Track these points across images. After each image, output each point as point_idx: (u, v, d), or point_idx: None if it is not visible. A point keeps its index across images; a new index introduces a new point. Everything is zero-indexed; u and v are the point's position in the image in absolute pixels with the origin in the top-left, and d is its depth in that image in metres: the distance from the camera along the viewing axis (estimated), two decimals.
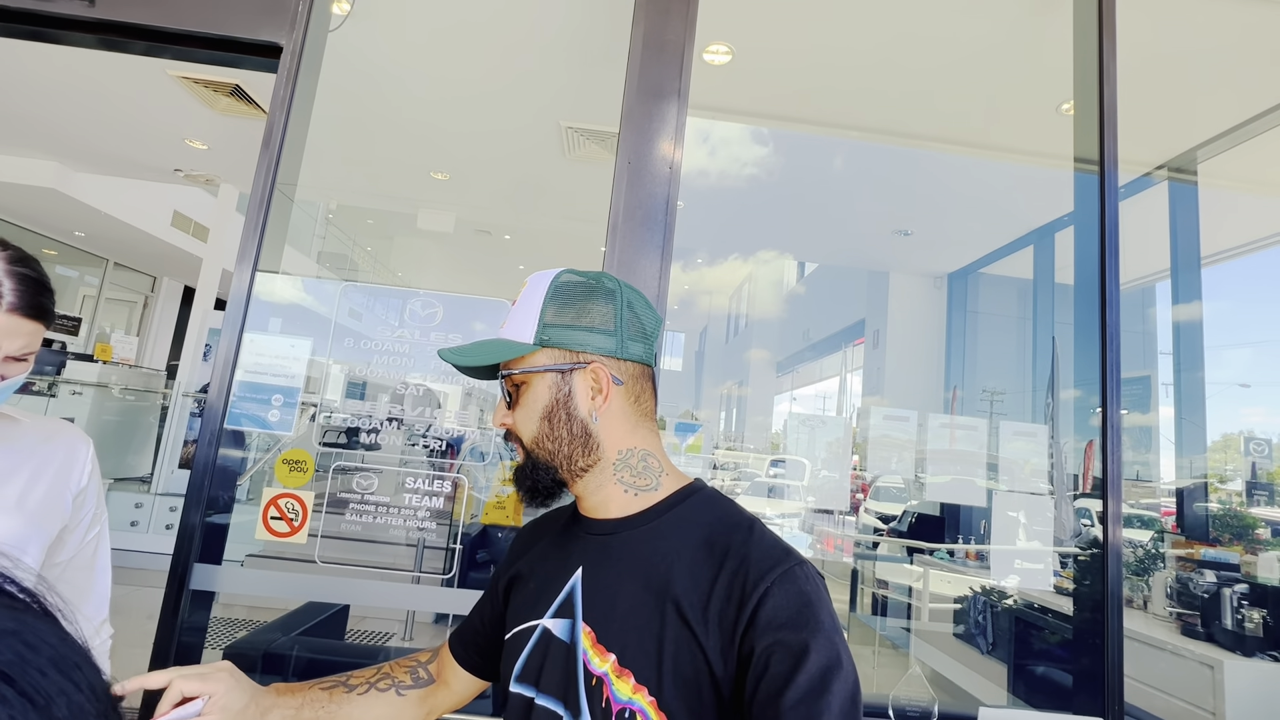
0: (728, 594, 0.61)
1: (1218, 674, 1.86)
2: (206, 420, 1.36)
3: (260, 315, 1.57)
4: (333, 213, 6.07)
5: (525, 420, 0.71)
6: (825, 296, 7.37)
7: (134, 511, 4.41)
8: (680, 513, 0.69)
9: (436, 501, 1.66)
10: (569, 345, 0.69)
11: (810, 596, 0.60)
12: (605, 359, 0.70)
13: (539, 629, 0.69)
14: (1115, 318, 1.56)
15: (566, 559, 0.72)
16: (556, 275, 0.72)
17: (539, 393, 0.70)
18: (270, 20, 1.53)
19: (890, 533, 4.34)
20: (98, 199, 4.95)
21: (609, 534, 0.70)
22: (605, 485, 0.71)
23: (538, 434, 0.70)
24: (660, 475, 0.72)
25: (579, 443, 0.70)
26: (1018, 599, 2.51)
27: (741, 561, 0.62)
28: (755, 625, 0.58)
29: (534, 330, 0.69)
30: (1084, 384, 1.63)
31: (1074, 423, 2.09)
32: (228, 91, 3.06)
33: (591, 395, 0.69)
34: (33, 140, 4.16)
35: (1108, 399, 1.53)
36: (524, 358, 0.70)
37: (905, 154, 3.17)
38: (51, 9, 1.55)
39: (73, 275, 7.31)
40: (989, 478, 1.60)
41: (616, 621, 0.65)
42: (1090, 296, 1.61)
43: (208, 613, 1.43)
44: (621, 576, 0.67)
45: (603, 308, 0.70)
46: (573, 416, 0.69)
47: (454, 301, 1.75)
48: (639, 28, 1.58)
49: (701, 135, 3.65)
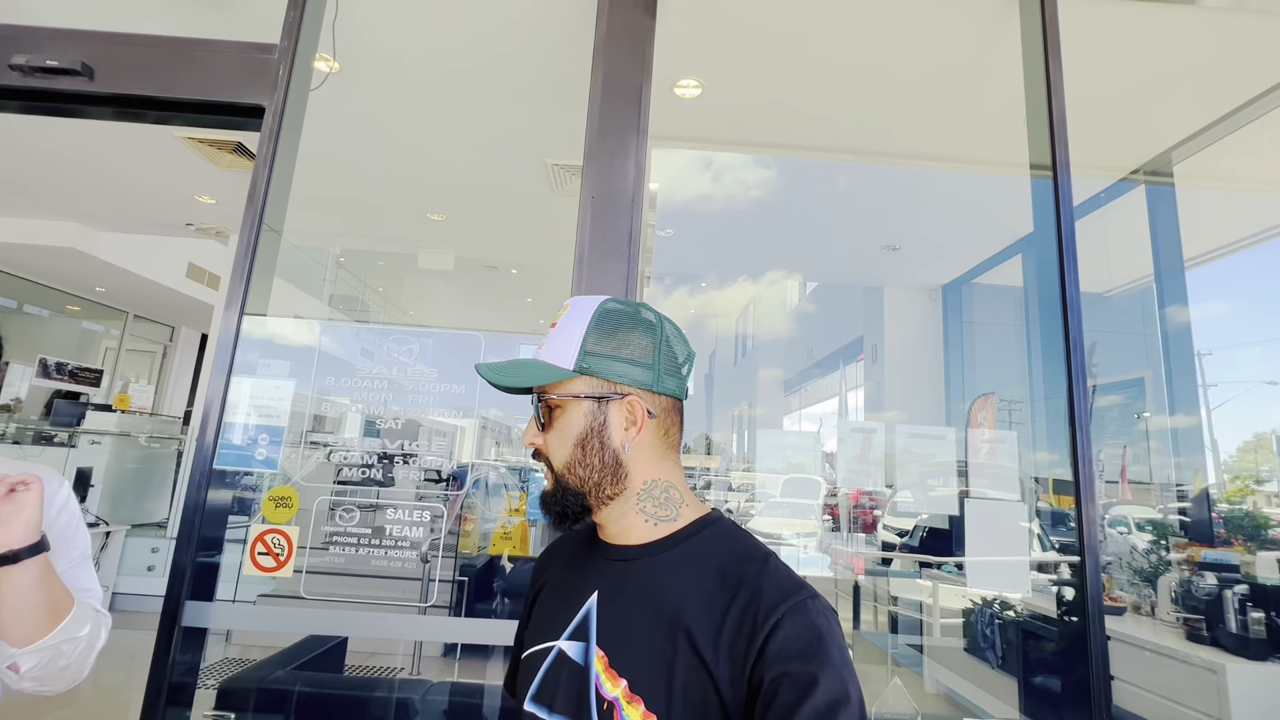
0: (739, 625, 0.61)
1: (1221, 679, 1.82)
2: (196, 461, 1.43)
3: (268, 357, 1.66)
4: (343, 257, 6.27)
5: (558, 444, 0.72)
6: (826, 314, 7.39)
7: (150, 556, 4.50)
8: (696, 543, 0.70)
9: (439, 534, 1.69)
10: (608, 375, 0.70)
11: (821, 630, 0.60)
12: (641, 392, 0.71)
13: (554, 650, 0.70)
14: (1078, 322, 1.58)
15: (584, 582, 0.74)
16: (601, 304, 0.73)
17: (574, 419, 0.71)
18: (253, 84, 1.64)
19: (902, 548, 4.28)
20: (117, 255, 5.16)
21: (626, 560, 0.72)
22: (628, 514, 0.72)
23: (570, 460, 0.71)
24: (680, 506, 0.73)
25: (609, 471, 0.71)
26: (1021, 610, 2.47)
27: (754, 594, 0.63)
28: (765, 656, 0.59)
29: (574, 357, 0.70)
30: (1040, 386, 1.64)
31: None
32: (231, 149, 3.22)
33: (625, 426, 0.71)
34: (56, 204, 4.39)
35: (1075, 403, 1.54)
36: (562, 383, 0.71)
37: (884, 171, 3.23)
38: (58, 86, 1.67)
39: (98, 330, 7.57)
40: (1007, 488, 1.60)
41: (629, 647, 0.65)
42: (1053, 302, 1.64)
43: (201, 649, 1.47)
44: (636, 603, 0.68)
45: (642, 340, 0.72)
46: (605, 446, 0.71)
47: (449, 337, 1.82)
48: (599, 71, 1.67)
49: (704, 163, 3.75)
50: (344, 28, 2.01)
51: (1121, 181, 2.82)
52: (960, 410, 4.16)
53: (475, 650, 3.36)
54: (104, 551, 4.51)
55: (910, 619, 3.47)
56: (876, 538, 4.60)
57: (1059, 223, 1.63)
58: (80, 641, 0.92)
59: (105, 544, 4.51)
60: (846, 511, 4.43)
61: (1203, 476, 2.64)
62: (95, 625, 0.94)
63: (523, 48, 2.25)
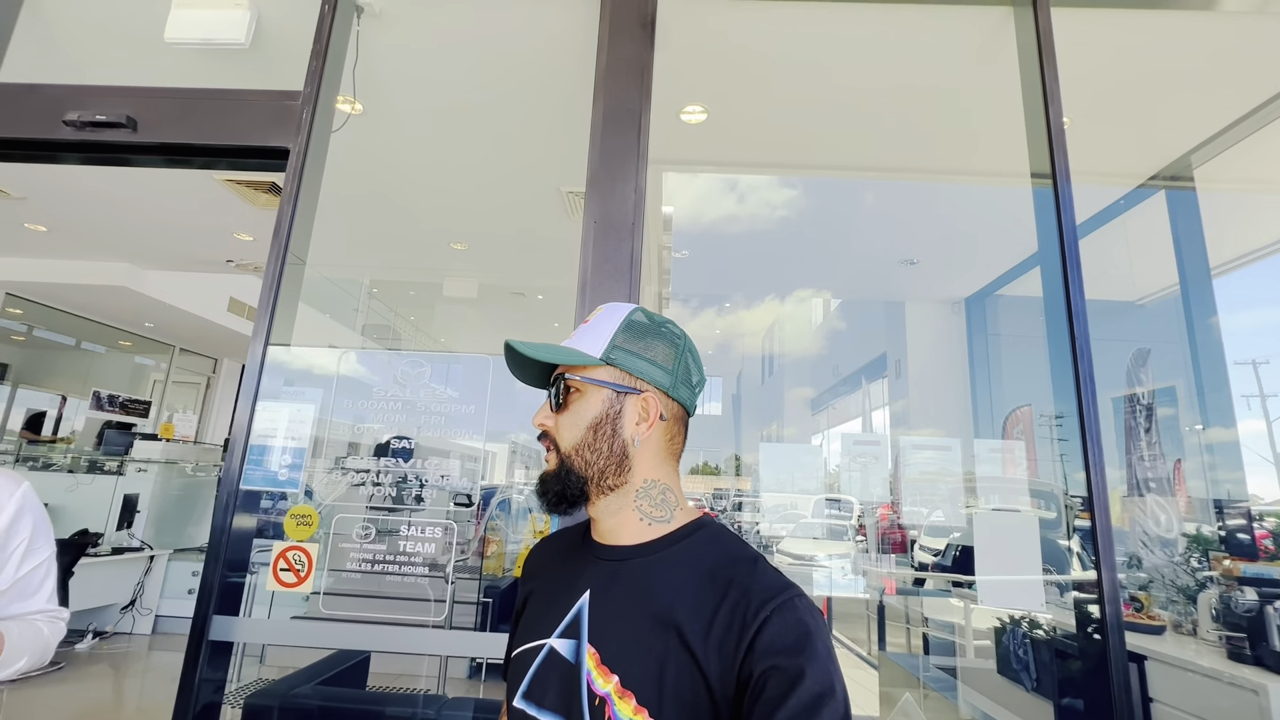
0: (729, 622, 0.63)
1: (1263, 699, 1.72)
2: (224, 482, 1.51)
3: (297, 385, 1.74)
4: (374, 289, 6.51)
5: (569, 425, 0.75)
6: (849, 331, 7.33)
7: (191, 580, 4.65)
8: (688, 545, 0.72)
9: (466, 556, 1.72)
10: (631, 370, 0.75)
11: (809, 626, 0.62)
12: (658, 392, 0.75)
13: (545, 648, 0.72)
14: (1084, 330, 1.57)
15: (575, 581, 0.75)
16: (633, 309, 0.78)
17: (591, 403, 0.75)
18: (279, 128, 1.76)
19: (934, 567, 4.17)
20: (163, 292, 5.46)
21: (619, 560, 0.74)
22: (624, 510, 0.75)
23: (579, 442, 0.74)
24: (675, 509, 0.76)
25: (615, 460, 0.74)
26: (1054, 629, 2.38)
27: (744, 593, 0.65)
28: (754, 651, 0.61)
29: (603, 348, 0.75)
30: (1068, 401, 1.62)
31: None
32: (265, 189, 3.41)
33: (637, 421, 0.74)
34: (107, 246, 4.68)
35: (1085, 414, 1.52)
36: (587, 368, 0.75)
37: (897, 186, 3.24)
38: (106, 138, 1.82)
39: (148, 363, 7.96)
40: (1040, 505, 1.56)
41: (621, 644, 0.67)
42: (1059, 310, 1.62)
43: (227, 663, 1.53)
44: (628, 602, 0.70)
45: (665, 348, 0.77)
46: (616, 434, 0.74)
47: (478, 362, 1.89)
48: (600, 100, 1.74)
49: (728, 185, 3.81)
50: (365, 72, 2.14)
51: (1140, 188, 2.78)
52: (989, 424, 4.06)
53: (500, 671, 3.38)
54: (148, 575, 4.68)
55: (942, 640, 3.37)
56: (909, 557, 4.49)
57: (1060, 230, 1.62)
58: (18, 670, 0.99)
59: (149, 568, 4.69)
60: (876, 532, 4.34)
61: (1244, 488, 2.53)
62: (37, 649, 1.02)
63: (534, 81, 2.35)
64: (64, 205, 3.90)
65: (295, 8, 2.03)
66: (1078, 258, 1.60)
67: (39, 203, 3.87)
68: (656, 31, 1.79)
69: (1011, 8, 1.92)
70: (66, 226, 4.27)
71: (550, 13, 2.05)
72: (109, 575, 4.42)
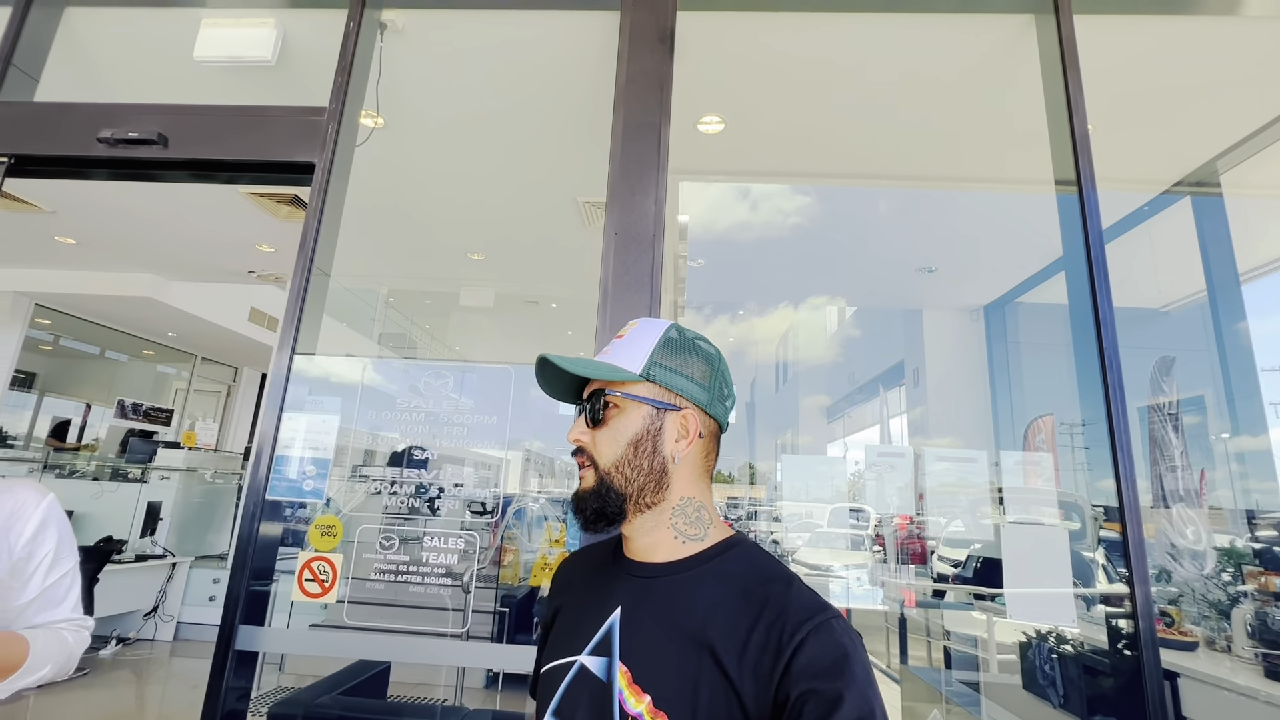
0: (764, 643, 0.62)
1: None
2: (250, 492, 1.53)
3: (319, 394, 1.77)
4: (391, 298, 6.59)
5: (609, 442, 0.74)
6: (867, 338, 7.28)
7: (212, 587, 4.70)
8: (721, 563, 0.72)
9: (483, 564, 1.73)
10: (670, 386, 0.74)
11: (846, 648, 0.61)
12: (696, 409, 0.75)
13: (576, 665, 0.71)
14: (1112, 338, 1.54)
15: (606, 598, 0.74)
16: (669, 326, 0.78)
17: (632, 420, 0.74)
18: (305, 143, 1.79)
19: (955, 579, 4.10)
20: (186, 303, 5.55)
21: (651, 577, 0.73)
22: (659, 528, 0.74)
23: (619, 459, 0.73)
24: (709, 527, 0.75)
25: (654, 478, 0.73)
26: (1082, 644, 2.33)
27: (779, 613, 0.64)
28: (790, 673, 0.60)
29: (642, 363, 0.74)
30: (1094, 409, 1.59)
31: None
32: (288, 201, 3.46)
33: (677, 438, 0.74)
34: (133, 258, 4.78)
35: (1114, 424, 1.49)
36: (625, 384, 0.74)
37: (914, 194, 3.22)
38: (138, 154, 1.86)
39: (170, 372, 8.10)
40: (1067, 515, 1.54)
41: (653, 663, 0.66)
42: (1086, 319, 1.60)
43: (253, 673, 1.54)
44: (660, 620, 0.69)
45: (702, 365, 0.76)
46: (657, 451, 0.73)
47: (492, 371, 1.90)
48: (619, 113, 1.75)
49: (741, 192, 3.82)
50: (386, 87, 2.18)
51: (1165, 194, 2.74)
52: (1010, 434, 4.01)
53: (517, 681, 3.38)
54: (170, 582, 4.74)
55: (965, 654, 3.31)
56: (929, 568, 4.42)
57: (1086, 237, 1.60)
58: (43, 679, 1.00)
59: (171, 575, 4.76)
60: (894, 541, 4.29)
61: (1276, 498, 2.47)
62: (61, 657, 1.04)
63: (551, 93, 2.37)
64: (93, 219, 3.99)
65: (320, 26, 2.07)
66: (1105, 267, 1.58)
67: (69, 216, 3.96)
68: (675, 44, 1.80)
69: (1033, 16, 1.91)
70: (95, 239, 4.37)
71: (568, 27, 2.07)
72: (133, 582, 4.49)
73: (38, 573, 1.06)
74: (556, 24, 2.08)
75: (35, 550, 1.06)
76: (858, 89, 2.26)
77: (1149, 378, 3.00)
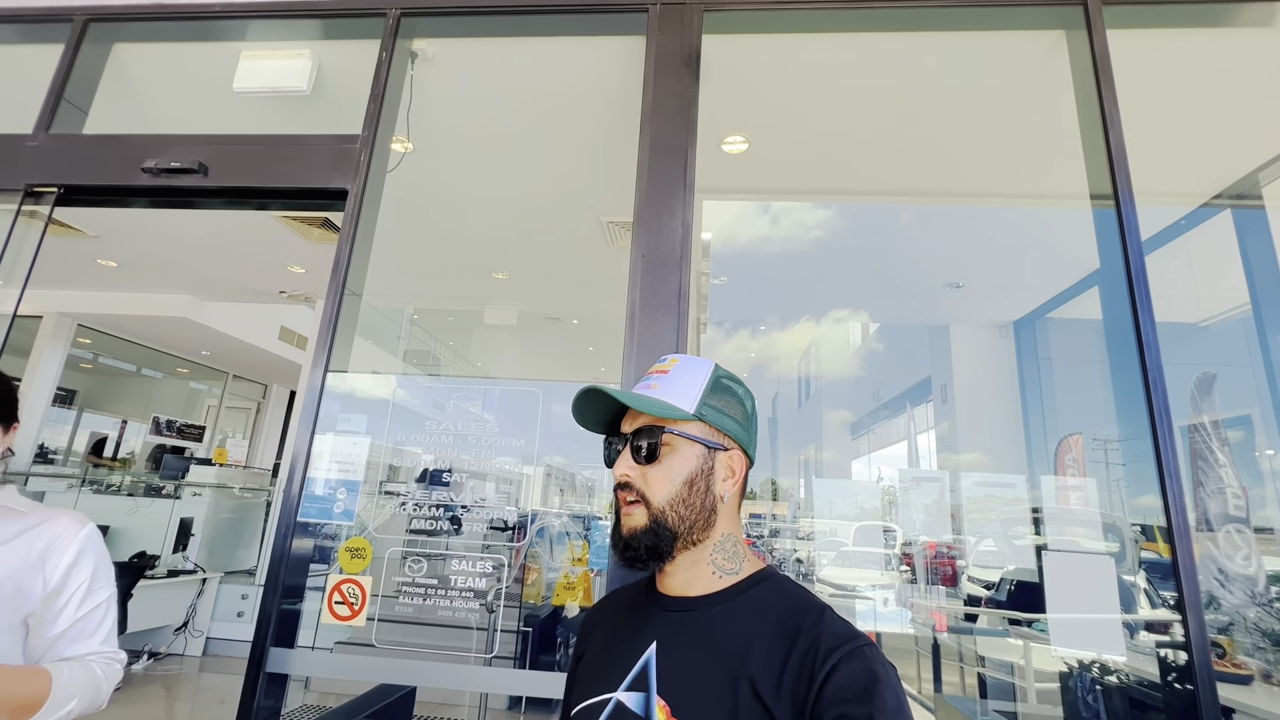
0: (799, 671, 0.63)
1: None
2: (283, 512, 1.54)
3: (348, 412, 1.79)
4: (416, 315, 6.70)
5: (662, 480, 0.74)
6: (889, 354, 7.18)
7: (240, 603, 4.76)
8: (754, 595, 0.72)
9: (504, 584, 1.73)
10: (720, 426, 0.76)
11: (878, 674, 0.61)
12: (738, 449, 0.77)
13: (612, 702, 0.70)
14: (1156, 357, 1.49)
15: (639, 633, 0.75)
16: (714, 365, 0.80)
17: (686, 459, 0.74)
18: (339, 170, 1.84)
19: (988, 602, 3.98)
20: (219, 322, 5.70)
21: (685, 610, 0.73)
22: (700, 564, 0.75)
23: (674, 498, 0.73)
24: (743, 560, 0.76)
25: (704, 516, 0.74)
26: (1128, 675, 2.24)
27: (813, 641, 0.65)
28: (823, 698, 0.60)
29: (695, 403, 0.75)
30: (1132, 425, 1.54)
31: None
32: (319, 224, 3.55)
33: (725, 478, 0.76)
34: (171, 280, 4.94)
35: (1160, 445, 1.44)
36: (679, 421, 0.75)
37: (941, 210, 3.19)
38: (179, 183, 1.93)
39: (202, 389, 8.30)
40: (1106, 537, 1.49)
41: (692, 696, 0.66)
42: (1125, 336, 1.55)
43: (283, 695, 1.55)
44: (697, 652, 0.69)
45: (740, 406, 0.79)
46: (709, 490, 0.74)
47: (514, 388, 1.91)
48: (646, 136, 1.77)
49: (761, 207, 3.82)
50: (417, 113, 2.23)
51: (1203, 207, 2.67)
52: (1043, 452, 3.90)
53: (540, 704, 3.35)
54: (200, 598, 4.82)
55: (1001, 682, 3.20)
56: (960, 590, 4.30)
57: (1125, 253, 1.56)
58: (70, 713, 0.98)
59: (201, 590, 4.83)
60: (923, 561, 4.18)
61: None
62: (89, 691, 1.01)
63: (577, 116, 2.41)
64: (133, 242, 4.14)
65: (353, 56, 2.13)
66: (1146, 283, 1.54)
67: (111, 240, 4.11)
68: (700, 67, 1.81)
69: (1063, 31, 1.88)
70: (134, 262, 4.52)
71: (594, 52, 2.11)
72: (164, 597, 4.56)
73: (70, 604, 1.05)
74: (583, 50, 2.11)
75: (69, 580, 1.05)
76: (883, 107, 2.25)
77: (1189, 395, 2.91)
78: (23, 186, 1.93)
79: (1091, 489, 2.80)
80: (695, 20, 1.84)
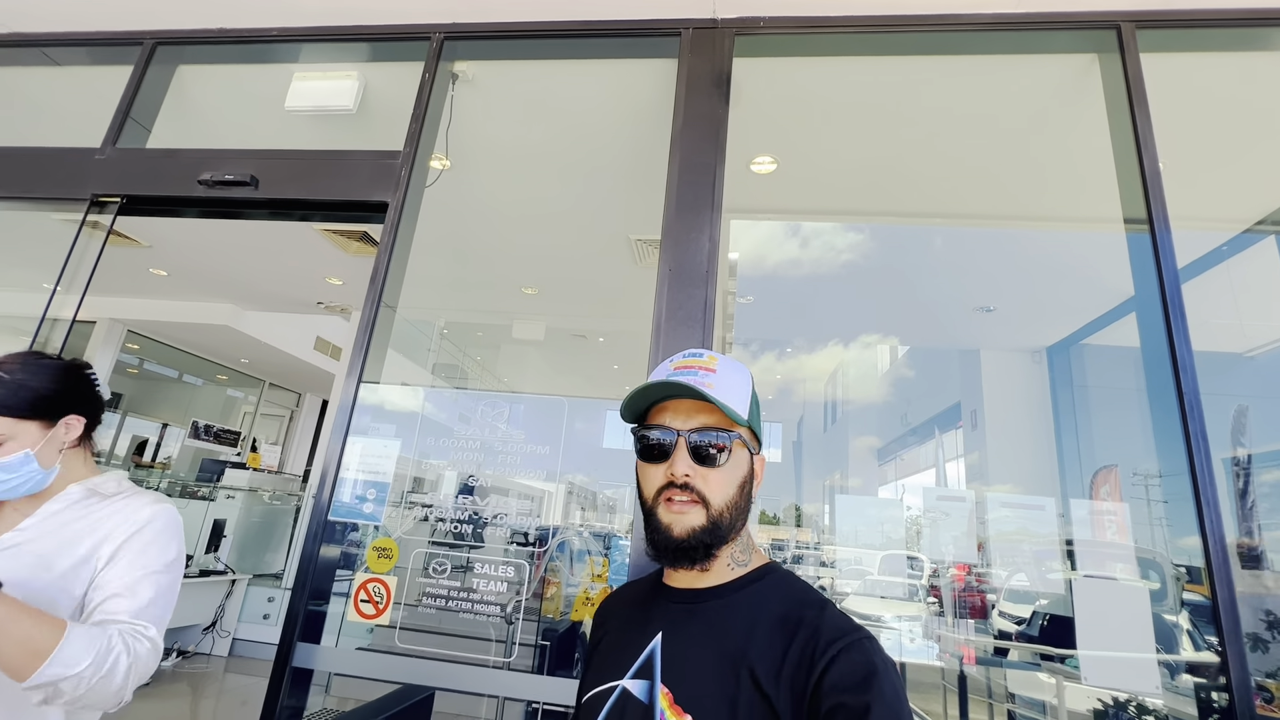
0: (799, 661, 0.65)
1: None
2: (314, 513, 1.59)
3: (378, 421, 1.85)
4: (445, 329, 6.84)
5: (724, 483, 0.74)
6: (919, 379, 7.06)
7: (267, 605, 4.85)
8: (758, 588, 0.75)
9: (523, 596, 1.75)
10: (758, 432, 0.81)
11: (876, 666, 0.63)
12: (759, 455, 0.82)
13: (618, 689, 0.73)
14: (1193, 385, 1.46)
15: (647, 624, 0.77)
16: (746, 369, 0.82)
17: (740, 462, 0.76)
18: (380, 185, 1.92)
19: (1019, 636, 3.84)
20: (259, 331, 5.91)
21: (691, 603, 0.76)
22: (721, 559, 0.76)
23: (731, 500, 0.75)
24: (752, 553, 0.79)
25: (743, 516, 0.76)
26: (1165, 716, 2.14)
27: (814, 633, 0.67)
28: (821, 687, 0.62)
29: (747, 407, 0.77)
30: (1173, 460, 1.50)
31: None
32: (358, 237, 3.68)
33: (758, 480, 0.80)
34: (216, 289, 5.14)
35: (1198, 473, 1.40)
36: (736, 425, 0.75)
37: (972, 233, 3.16)
38: (231, 195, 2.03)
39: (239, 396, 8.56)
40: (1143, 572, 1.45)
41: (694, 684, 0.68)
42: (1161, 365, 1.52)
43: (306, 691, 1.58)
44: (700, 642, 0.71)
45: (758, 412, 0.82)
46: (751, 493, 0.78)
47: (539, 402, 1.94)
48: (675, 155, 1.81)
49: (791, 229, 3.84)
50: (455, 131, 2.31)
51: (1246, 233, 2.60)
52: (1077, 481, 3.79)
53: (556, 717, 3.32)
54: (229, 599, 4.92)
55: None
56: (989, 624, 4.16)
57: (1161, 278, 1.54)
58: (81, 678, 0.87)
59: (230, 591, 4.94)
60: (951, 593, 4.06)
61: None
62: (101, 652, 0.90)
63: (608, 135, 2.47)
64: (183, 252, 4.33)
65: (396, 77, 2.23)
66: (1182, 308, 1.51)
67: (163, 250, 4.31)
68: (730, 88, 1.86)
69: (1095, 55, 1.88)
70: (183, 271, 4.72)
71: (627, 75, 2.17)
72: (195, 597, 4.68)
73: (116, 566, 1.01)
74: (616, 72, 2.18)
75: (123, 549, 1.02)
76: (913, 130, 2.27)
77: (1229, 428, 2.81)
78: (89, 196, 2.06)
79: (1126, 518, 2.70)
80: (727, 44, 1.89)
